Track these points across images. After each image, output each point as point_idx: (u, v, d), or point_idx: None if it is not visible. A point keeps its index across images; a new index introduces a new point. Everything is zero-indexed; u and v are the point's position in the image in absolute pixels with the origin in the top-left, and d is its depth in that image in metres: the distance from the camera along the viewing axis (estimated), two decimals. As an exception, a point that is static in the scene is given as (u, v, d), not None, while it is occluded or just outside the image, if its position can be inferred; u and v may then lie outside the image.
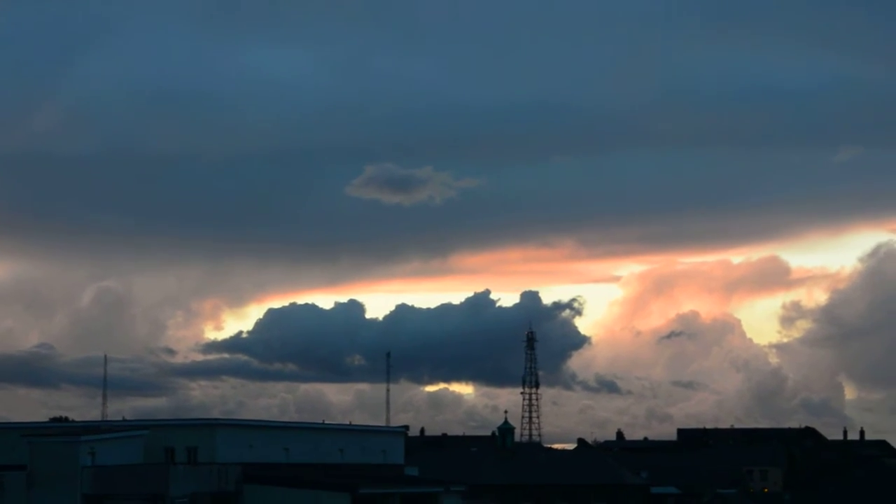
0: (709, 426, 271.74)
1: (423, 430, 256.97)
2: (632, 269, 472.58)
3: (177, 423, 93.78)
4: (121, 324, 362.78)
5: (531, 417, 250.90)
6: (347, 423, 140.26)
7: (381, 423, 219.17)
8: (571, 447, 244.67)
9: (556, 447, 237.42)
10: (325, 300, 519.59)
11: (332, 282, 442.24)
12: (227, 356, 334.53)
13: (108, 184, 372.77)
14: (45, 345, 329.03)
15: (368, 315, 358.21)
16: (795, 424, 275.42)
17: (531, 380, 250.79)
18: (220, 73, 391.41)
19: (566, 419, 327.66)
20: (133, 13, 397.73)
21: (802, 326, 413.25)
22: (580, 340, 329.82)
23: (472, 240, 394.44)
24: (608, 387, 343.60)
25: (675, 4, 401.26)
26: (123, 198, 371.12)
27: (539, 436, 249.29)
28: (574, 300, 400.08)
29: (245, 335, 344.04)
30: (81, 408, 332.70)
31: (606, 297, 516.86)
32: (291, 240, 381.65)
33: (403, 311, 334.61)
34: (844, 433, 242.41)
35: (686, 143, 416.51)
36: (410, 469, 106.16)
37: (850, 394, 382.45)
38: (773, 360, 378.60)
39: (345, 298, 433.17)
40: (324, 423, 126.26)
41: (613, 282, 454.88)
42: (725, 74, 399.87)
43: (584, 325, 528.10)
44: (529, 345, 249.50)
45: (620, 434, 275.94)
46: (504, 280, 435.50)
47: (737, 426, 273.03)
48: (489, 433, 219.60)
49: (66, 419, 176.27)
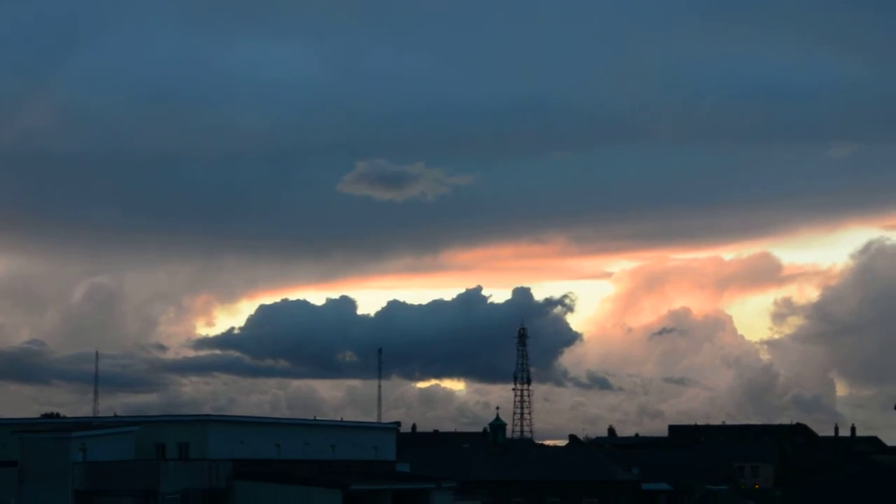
0: (700, 423, 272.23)
1: (415, 427, 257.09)
2: (623, 266, 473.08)
3: (168, 420, 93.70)
4: (112, 320, 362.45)
5: (523, 414, 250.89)
6: (339, 420, 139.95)
7: (373, 420, 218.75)
8: (563, 444, 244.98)
9: (548, 444, 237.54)
10: (317, 296, 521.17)
11: (324, 278, 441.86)
12: (219, 352, 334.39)
13: (100, 180, 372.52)
14: (37, 341, 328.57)
15: (360, 311, 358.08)
16: (787, 421, 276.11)
17: (523, 376, 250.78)
18: (212, 71, 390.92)
19: (558, 415, 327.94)
20: (126, 11, 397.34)
21: (794, 323, 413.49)
22: (572, 337, 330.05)
23: (464, 236, 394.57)
24: (600, 383, 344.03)
25: (670, 2, 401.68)
26: (115, 194, 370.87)
27: (531, 432, 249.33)
28: (566, 296, 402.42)
29: (236, 331, 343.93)
30: (73, 404, 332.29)
31: (598, 294, 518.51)
32: (283, 236, 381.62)
33: (395, 308, 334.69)
34: (836, 430, 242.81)
35: (678, 140, 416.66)
36: (402, 465, 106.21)
37: (842, 390, 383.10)
38: (765, 357, 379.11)
39: (336, 295, 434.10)
40: (315, 420, 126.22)
41: (605, 278, 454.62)
42: (718, 71, 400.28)
43: (576, 322, 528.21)
44: (521, 341, 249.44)
45: (612, 430, 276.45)
46: (496, 276, 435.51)
47: (728, 423, 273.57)
48: (481, 429, 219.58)
49: (58, 415, 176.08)
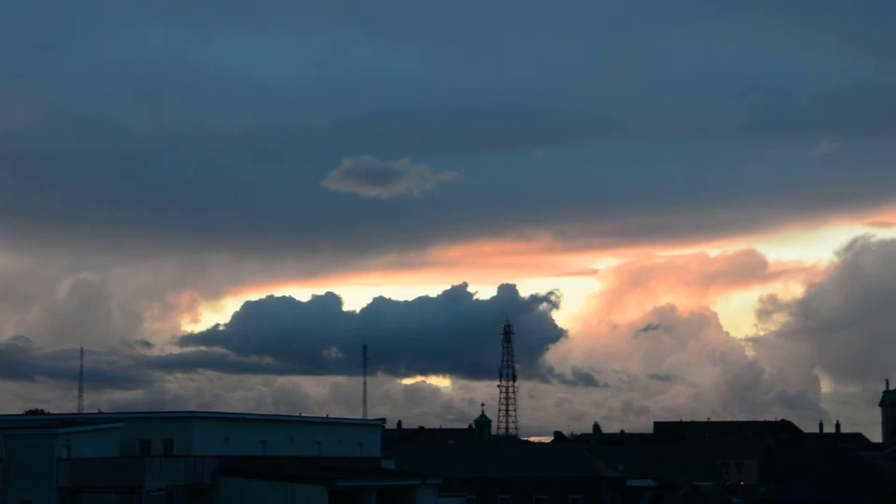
0: (685, 419, 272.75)
1: (400, 423, 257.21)
2: (609, 263, 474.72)
3: (153, 416, 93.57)
4: (97, 316, 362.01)
5: (508, 410, 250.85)
6: (324, 416, 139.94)
7: (358, 416, 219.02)
8: (548, 440, 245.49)
9: (533, 440, 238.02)
10: (302, 293, 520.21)
11: (310, 274, 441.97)
12: (204, 349, 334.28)
13: (85, 177, 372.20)
14: (22, 337, 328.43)
15: (345, 308, 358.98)
16: (772, 417, 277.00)
17: (508, 373, 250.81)
18: (198, 67, 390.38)
19: (543, 412, 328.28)
20: (110, 7, 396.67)
21: (779, 320, 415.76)
22: (557, 333, 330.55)
23: (450, 233, 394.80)
24: (585, 380, 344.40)
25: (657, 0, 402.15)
26: (100, 191, 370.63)
27: (516, 429, 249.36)
28: (551, 293, 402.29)
29: (222, 328, 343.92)
30: (57, 400, 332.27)
31: (583, 290, 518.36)
32: (268, 232, 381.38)
33: (380, 304, 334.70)
34: (820, 426, 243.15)
35: (663, 137, 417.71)
36: (387, 462, 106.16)
37: (826, 387, 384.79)
38: (750, 354, 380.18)
39: (322, 291, 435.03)
40: (300, 416, 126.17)
41: (590, 275, 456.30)
42: (704, 68, 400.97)
43: (561, 319, 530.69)
44: (506, 338, 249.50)
45: (597, 427, 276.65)
46: (481, 273, 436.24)
47: (713, 419, 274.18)
48: (466, 426, 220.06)
49: (42, 412, 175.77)
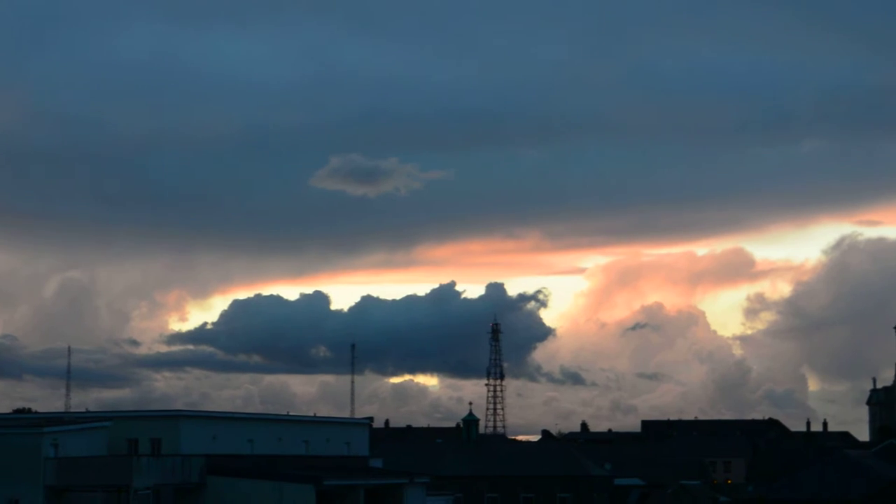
0: (673, 418, 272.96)
1: (388, 422, 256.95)
2: (597, 261, 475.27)
3: (140, 415, 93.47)
4: (85, 315, 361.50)
5: (496, 409, 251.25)
6: (312, 415, 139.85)
7: (346, 415, 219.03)
8: (536, 439, 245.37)
9: (521, 439, 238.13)
10: (290, 291, 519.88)
11: (298, 273, 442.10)
12: (192, 347, 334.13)
13: (73, 176, 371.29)
14: (9, 336, 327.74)
15: (333, 306, 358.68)
16: (759, 416, 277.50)
17: (496, 371, 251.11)
18: (184, 65, 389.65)
19: (531, 411, 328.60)
20: (95, 4, 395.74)
21: (766, 318, 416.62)
22: (545, 332, 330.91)
23: (438, 231, 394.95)
24: (573, 378, 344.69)
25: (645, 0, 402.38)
26: (87, 189, 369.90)
27: (503, 427, 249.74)
28: (539, 292, 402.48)
29: (210, 326, 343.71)
30: (45, 399, 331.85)
31: (571, 289, 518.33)
32: (256, 231, 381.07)
33: (368, 303, 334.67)
34: (808, 425, 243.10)
35: (651, 136, 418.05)
36: (375, 461, 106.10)
37: (814, 385, 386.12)
38: (737, 352, 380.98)
39: (310, 290, 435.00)
40: (288, 415, 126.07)
41: (578, 273, 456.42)
42: (691, 68, 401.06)
43: (549, 317, 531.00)
44: (494, 336, 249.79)
45: (585, 426, 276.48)
46: (469, 272, 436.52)
47: (701, 418, 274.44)
48: (454, 425, 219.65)
49: (30, 410, 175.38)
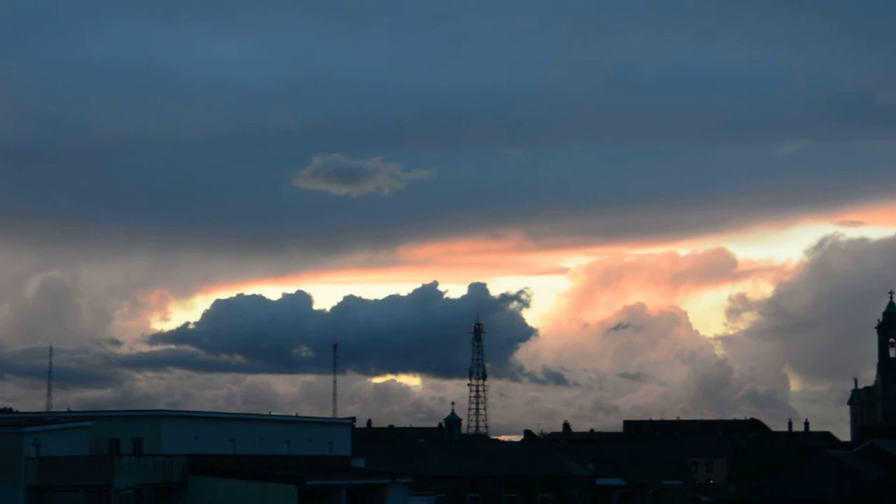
0: (655, 418, 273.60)
1: (370, 422, 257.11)
2: (579, 261, 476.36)
3: (122, 415, 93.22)
4: (66, 315, 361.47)
5: (478, 409, 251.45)
6: (294, 415, 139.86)
7: (328, 415, 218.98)
8: (518, 439, 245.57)
9: (503, 439, 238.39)
10: (273, 291, 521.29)
11: (280, 273, 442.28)
12: (174, 347, 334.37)
13: (54, 175, 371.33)
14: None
15: (316, 306, 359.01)
16: (741, 416, 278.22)
17: (478, 371, 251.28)
18: (167, 64, 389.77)
19: (513, 411, 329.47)
20: (75, 4, 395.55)
21: (748, 318, 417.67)
22: (527, 332, 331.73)
23: (421, 231, 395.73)
24: (555, 378, 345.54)
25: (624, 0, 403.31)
26: (69, 189, 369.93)
27: (486, 427, 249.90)
28: (521, 292, 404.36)
29: (192, 326, 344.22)
30: (26, 398, 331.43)
31: (554, 289, 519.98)
32: (239, 230, 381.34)
33: (351, 303, 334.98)
34: (789, 425, 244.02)
35: (633, 137, 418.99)
36: (357, 461, 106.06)
37: (795, 386, 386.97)
38: (719, 352, 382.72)
39: (292, 289, 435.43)
40: (270, 415, 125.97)
41: (561, 273, 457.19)
42: (671, 69, 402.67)
43: (532, 317, 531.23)
44: (477, 336, 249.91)
45: (567, 426, 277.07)
46: (452, 272, 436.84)
47: (683, 418, 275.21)
48: (436, 425, 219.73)
49: (11, 410, 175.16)
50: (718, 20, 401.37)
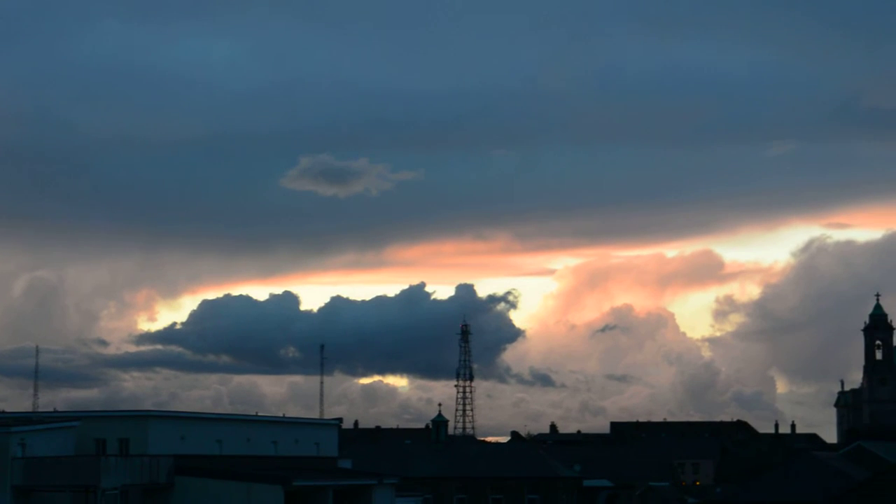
0: (642, 419, 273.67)
1: (357, 423, 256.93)
2: (566, 263, 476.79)
3: (109, 415, 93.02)
4: (53, 315, 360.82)
5: (465, 410, 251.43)
6: (281, 416, 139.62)
7: (315, 416, 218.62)
8: (505, 440, 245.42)
9: (490, 440, 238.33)
10: (260, 292, 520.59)
11: (267, 273, 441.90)
12: (161, 347, 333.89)
13: (42, 175, 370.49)
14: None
15: (303, 307, 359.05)
16: (727, 418, 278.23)
17: (465, 373, 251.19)
18: (153, 66, 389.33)
19: (500, 412, 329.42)
20: (63, 4, 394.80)
21: (735, 320, 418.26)
22: (514, 333, 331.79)
23: (408, 232, 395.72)
24: (542, 380, 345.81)
25: (612, 2, 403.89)
26: (56, 189, 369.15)
27: (473, 428, 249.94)
28: (509, 293, 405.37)
29: (179, 326, 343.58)
30: (13, 398, 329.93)
31: (541, 291, 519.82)
32: (226, 231, 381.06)
33: (338, 304, 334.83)
34: (776, 426, 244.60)
35: (621, 138, 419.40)
36: (344, 461, 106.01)
37: (782, 388, 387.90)
38: (706, 354, 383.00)
39: (279, 290, 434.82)
40: (257, 416, 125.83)
41: (548, 275, 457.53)
42: (659, 71, 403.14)
43: (519, 319, 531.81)
44: (464, 338, 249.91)
45: (554, 427, 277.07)
46: (439, 273, 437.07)
47: (669, 419, 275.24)
48: (423, 426, 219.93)
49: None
50: (706, 23, 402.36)
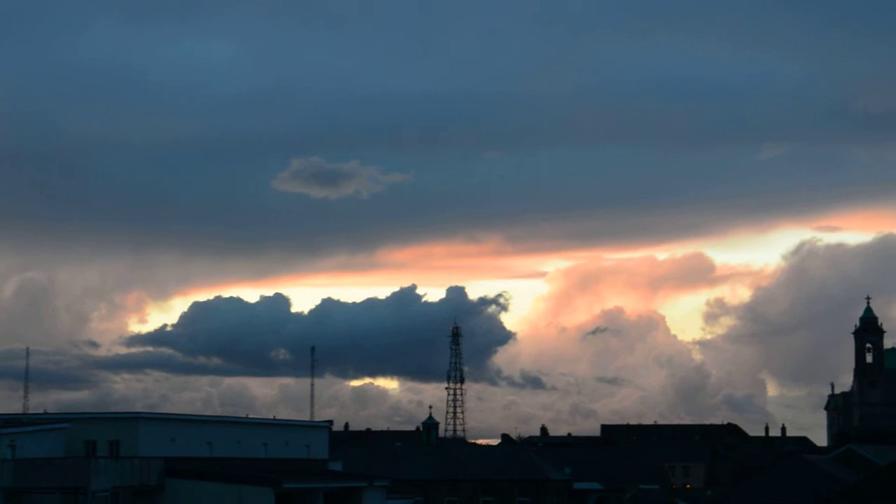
0: (632, 422, 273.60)
1: (348, 425, 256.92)
2: (557, 265, 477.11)
3: (99, 417, 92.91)
4: (43, 316, 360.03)
5: (456, 413, 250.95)
6: (271, 418, 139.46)
7: (306, 418, 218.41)
8: (496, 443, 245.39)
9: (481, 443, 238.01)
10: (251, 294, 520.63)
11: (258, 275, 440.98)
12: (151, 349, 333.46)
13: (32, 177, 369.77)
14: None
15: (294, 309, 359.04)
16: (718, 421, 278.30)
17: (456, 375, 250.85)
18: (145, 68, 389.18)
19: (491, 414, 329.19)
20: (53, 3, 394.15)
21: (726, 323, 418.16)
22: (505, 336, 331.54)
23: (399, 234, 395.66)
24: (533, 382, 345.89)
25: (604, 3, 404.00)
26: (47, 190, 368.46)
27: (463, 431, 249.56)
28: (500, 295, 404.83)
29: (169, 328, 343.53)
30: (2, 400, 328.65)
31: (532, 293, 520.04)
32: (217, 233, 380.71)
33: (329, 306, 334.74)
34: (766, 429, 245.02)
35: (612, 140, 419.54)
36: (334, 464, 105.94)
37: (773, 391, 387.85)
38: (697, 357, 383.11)
39: (270, 292, 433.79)
40: (247, 418, 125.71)
41: (539, 277, 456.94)
42: (651, 73, 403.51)
43: (510, 321, 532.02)
44: (455, 340, 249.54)
45: (544, 430, 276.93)
46: (430, 275, 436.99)
47: (660, 422, 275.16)
48: (414, 428, 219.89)
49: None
50: (699, 26, 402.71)
